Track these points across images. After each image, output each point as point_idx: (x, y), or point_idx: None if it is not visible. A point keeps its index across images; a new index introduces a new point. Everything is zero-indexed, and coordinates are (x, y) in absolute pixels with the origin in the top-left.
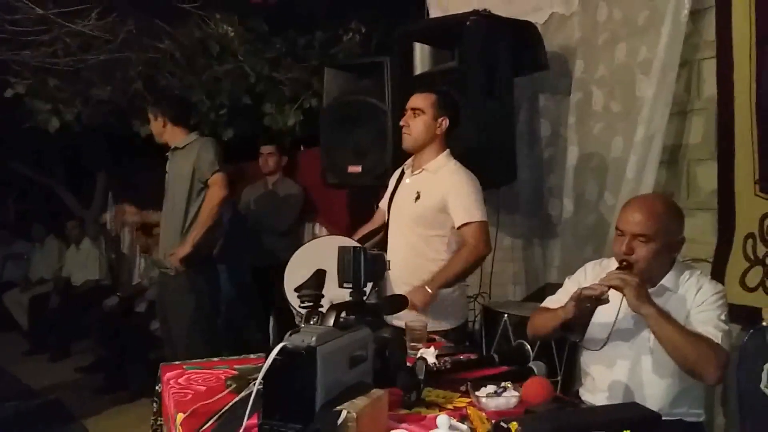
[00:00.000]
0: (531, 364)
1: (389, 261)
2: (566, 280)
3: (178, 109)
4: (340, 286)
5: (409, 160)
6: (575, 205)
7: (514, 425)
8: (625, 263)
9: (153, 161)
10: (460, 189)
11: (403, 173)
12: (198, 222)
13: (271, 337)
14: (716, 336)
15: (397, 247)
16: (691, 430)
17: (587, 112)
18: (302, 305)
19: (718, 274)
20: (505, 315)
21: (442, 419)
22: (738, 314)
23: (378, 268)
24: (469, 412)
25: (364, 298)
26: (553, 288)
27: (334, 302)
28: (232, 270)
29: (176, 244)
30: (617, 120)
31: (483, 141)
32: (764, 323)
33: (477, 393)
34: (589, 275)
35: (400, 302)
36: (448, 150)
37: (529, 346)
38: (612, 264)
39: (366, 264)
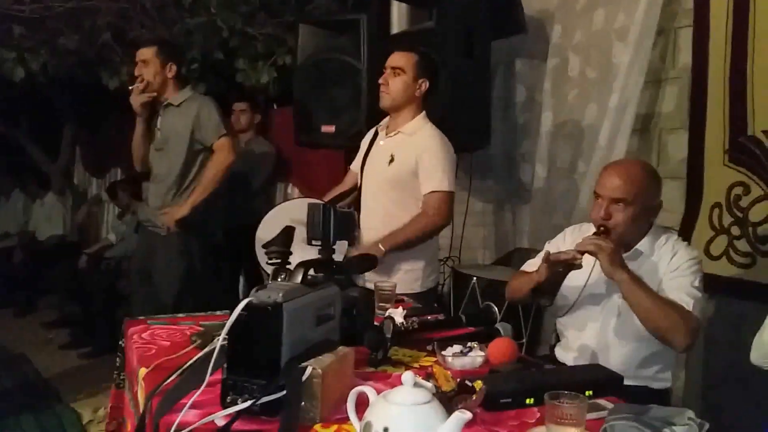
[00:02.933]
0: (497, 326)
1: (359, 228)
2: (546, 244)
3: (183, 60)
4: (309, 243)
5: (384, 122)
6: (547, 172)
7: (478, 383)
8: (602, 228)
9: (122, 114)
10: (434, 154)
11: (376, 135)
12: (202, 185)
13: (241, 295)
14: (688, 303)
15: (371, 210)
16: (657, 397)
17: (563, 78)
18: (269, 261)
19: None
20: (474, 278)
21: (407, 376)
22: (703, 282)
23: (347, 225)
24: (434, 370)
25: (333, 256)
26: (522, 253)
27: None
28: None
29: (168, 203)
30: (592, 86)
31: (458, 104)
32: None
33: (443, 352)
34: (569, 240)
35: (368, 261)
36: (424, 113)
37: (496, 308)
38: (592, 228)
39: (335, 221)
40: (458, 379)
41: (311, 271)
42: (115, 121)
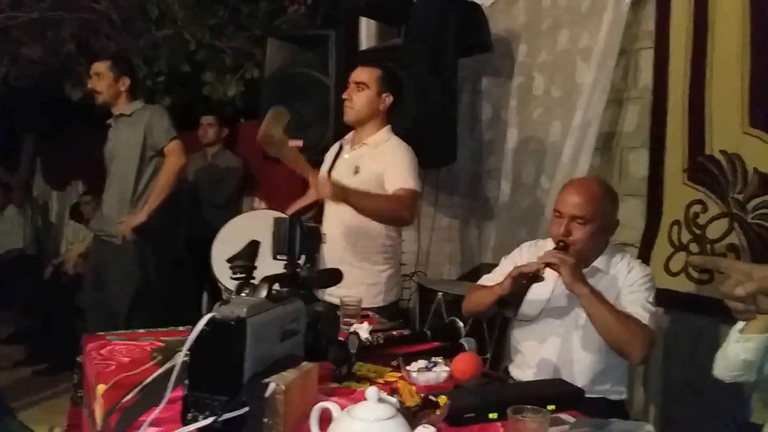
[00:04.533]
0: (462, 341)
1: (325, 235)
2: (502, 259)
3: (137, 74)
4: (274, 257)
5: (349, 135)
6: (512, 188)
7: (442, 399)
8: (561, 244)
9: (85, 126)
10: (397, 159)
11: (341, 148)
12: (156, 191)
13: (203, 311)
14: (644, 317)
15: (334, 222)
16: (614, 408)
17: (528, 96)
18: (234, 276)
19: (644, 258)
20: (440, 293)
21: (371, 392)
22: (662, 298)
23: (313, 240)
24: (399, 386)
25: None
26: (487, 268)
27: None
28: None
29: (124, 212)
30: (556, 105)
31: (425, 121)
32: None
33: (408, 368)
34: (525, 255)
35: (334, 276)
36: (389, 126)
37: (461, 323)
38: (548, 245)
39: (302, 236)
40: (422, 395)
41: (275, 286)
42: (77, 132)
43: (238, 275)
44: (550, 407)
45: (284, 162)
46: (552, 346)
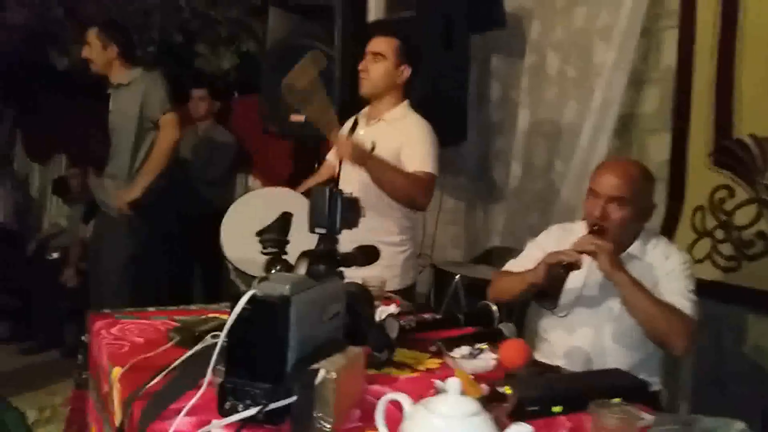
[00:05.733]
0: (501, 326)
1: (364, 208)
2: (528, 243)
3: (130, 41)
4: (311, 230)
5: (364, 110)
6: (523, 171)
7: (507, 389)
8: (597, 227)
9: (70, 97)
10: (418, 138)
11: (356, 124)
12: (149, 165)
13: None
14: (686, 306)
15: None
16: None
17: (541, 76)
18: (265, 251)
19: None
20: (457, 276)
21: (453, 383)
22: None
23: (353, 214)
24: (457, 375)
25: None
26: (499, 252)
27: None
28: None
29: (122, 186)
30: (572, 85)
31: (435, 97)
32: None
33: (451, 354)
34: (553, 239)
35: (372, 254)
36: (407, 101)
37: (495, 308)
38: (578, 228)
39: (342, 208)
40: (483, 385)
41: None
42: (61, 104)
43: (270, 250)
44: (616, 400)
45: (308, 116)
46: (583, 337)
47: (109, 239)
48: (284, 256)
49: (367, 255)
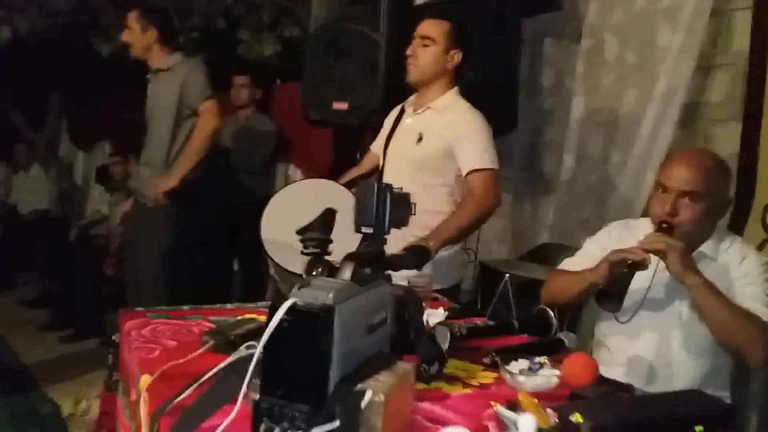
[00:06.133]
0: (561, 335)
1: (415, 205)
2: (587, 240)
3: (170, 25)
4: (357, 230)
5: (411, 98)
6: (576, 162)
7: (578, 417)
8: (665, 225)
9: (114, 84)
10: (471, 131)
11: (402, 112)
12: (187, 153)
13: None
14: (764, 313)
15: None
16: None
17: (598, 61)
18: (306, 251)
19: None
20: (507, 275)
21: (527, 421)
22: None
23: (403, 211)
24: (521, 399)
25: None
26: (549, 249)
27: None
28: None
29: (157, 173)
30: (631, 71)
31: (486, 83)
32: None
33: (507, 367)
34: (614, 237)
35: (424, 255)
36: (457, 88)
37: (552, 313)
38: (642, 226)
39: (392, 204)
40: (549, 409)
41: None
42: (106, 91)
43: (311, 250)
44: (699, 428)
45: None
46: (646, 344)
47: (144, 230)
48: (327, 257)
49: (419, 257)
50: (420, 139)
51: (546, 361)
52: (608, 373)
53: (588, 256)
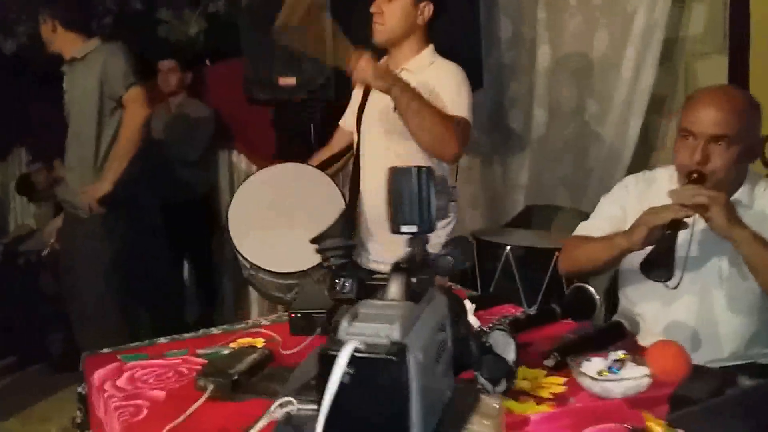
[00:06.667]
0: (617, 318)
1: (456, 188)
2: (602, 199)
3: (73, 9)
4: (396, 231)
5: (382, 61)
6: (549, 116)
7: None
8: (696, 175)
9: (23, 83)
10: (448, 81)
11: None
12: (117, 152)
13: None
14: None
15: (374, 175)
16: (765, 372)
17: (560, 6)
18: (328, 264)
19: None
20: (507, 247)
21: None
22: None
23: (446, 199)
24: (649, 425)
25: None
26: (535, 211)
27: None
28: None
29: (88, 178)
30: (600, 12)
31: (446, 39)
32: None
33: (582, 369)
34: (633, 193)
35: (468, 246)
36: (432, 45)
37: (593, 290)
38: (660, 177)
39: (438, 195)
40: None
41: None
42: (14, 92)
43: (336, 261)
44: None
45: (316, 53)
46: (686, 308)
47: (81, 246)
48: (351, 265)
49: (464, 249)
50: (395, 106)
51: (625, 356)
52: (644, 344)
53: (607, 218)
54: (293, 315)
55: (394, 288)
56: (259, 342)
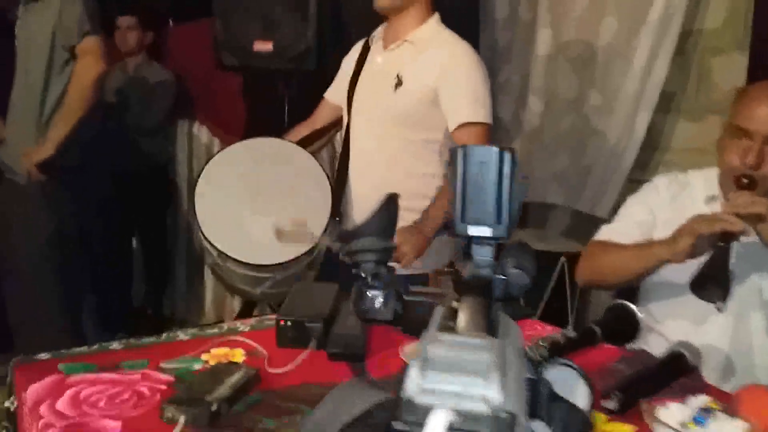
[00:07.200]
0: (679, 347)
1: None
2: (629, 199)
3: None
4: (459, 232)
5: (379, 30)
6: (546, 106)
7: None
8: (746, 180)
9: None
10: (461, 73)
11: (367, 50)
12: (64, 110)
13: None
14: None
15: (367, 158)
16: None
17: None
18: (364, 271)
19: None
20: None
21: None
22: None
23: (521, 194)
24: None
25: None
26: (537, 209)
27: None
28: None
29: (30, 140)
30: None
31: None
32: None
33: (665, 420)
34: (666, 196)
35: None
36: (437, 15)
37: (634, 307)
38: (695, 181)
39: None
40: None
41: None
42: None
43: (372, 268)
44: None
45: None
46: (719, 331)
47: (19, 216)
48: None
49: (533, 264)
50: (399, 83)
51: (714, 405)
52: None
53: (637, 223)
54: (282, 322)
55: (470, 316)
56: (238, 354)
